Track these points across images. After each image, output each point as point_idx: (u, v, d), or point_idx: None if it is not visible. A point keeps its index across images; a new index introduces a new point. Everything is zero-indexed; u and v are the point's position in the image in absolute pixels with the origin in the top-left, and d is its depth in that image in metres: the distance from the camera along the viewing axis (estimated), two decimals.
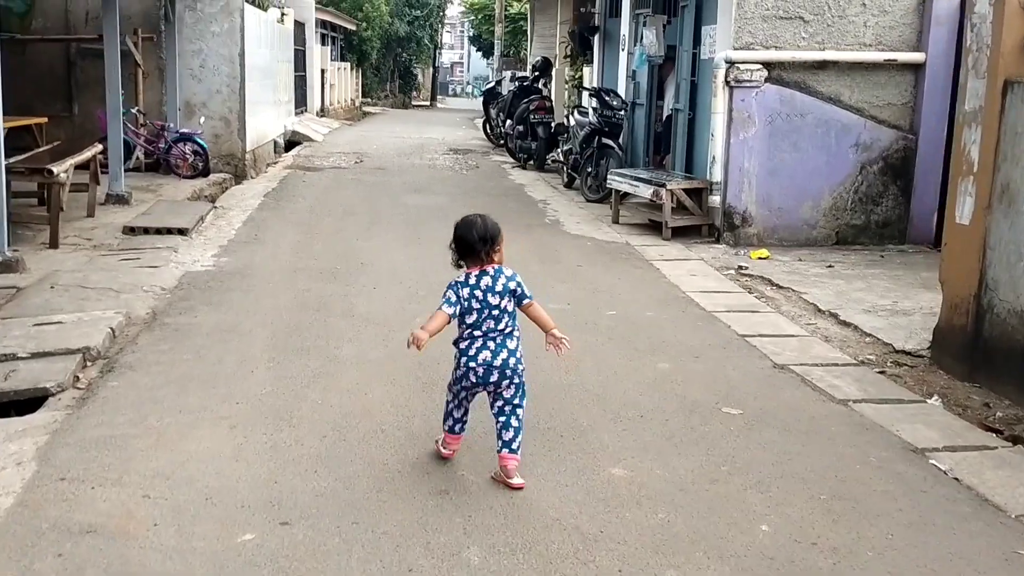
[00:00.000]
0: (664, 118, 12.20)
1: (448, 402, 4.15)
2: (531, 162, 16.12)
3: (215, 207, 10.87)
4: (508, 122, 16.91)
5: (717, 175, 9.53)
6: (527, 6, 23.50)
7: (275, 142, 17.91)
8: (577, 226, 10.43)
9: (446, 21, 55.51)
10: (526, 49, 28.46)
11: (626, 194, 10.68)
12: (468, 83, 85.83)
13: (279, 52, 18.79)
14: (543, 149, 15.75)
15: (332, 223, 10.19)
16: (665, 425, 4.69)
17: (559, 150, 14.11)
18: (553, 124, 15.93)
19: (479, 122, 33.98)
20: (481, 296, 3.93)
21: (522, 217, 10.94)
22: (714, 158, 9.54)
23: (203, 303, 6.72)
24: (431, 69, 54.15)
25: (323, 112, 27.89)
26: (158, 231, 9.01)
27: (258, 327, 6.16)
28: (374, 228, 9.96)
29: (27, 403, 4.81)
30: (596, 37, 14.89)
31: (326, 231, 9.70)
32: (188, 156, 13.04)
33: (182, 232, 9.03)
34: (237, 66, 13.93)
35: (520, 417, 4.01)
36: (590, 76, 15.28)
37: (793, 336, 6.42)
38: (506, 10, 26.91)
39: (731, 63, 9.20)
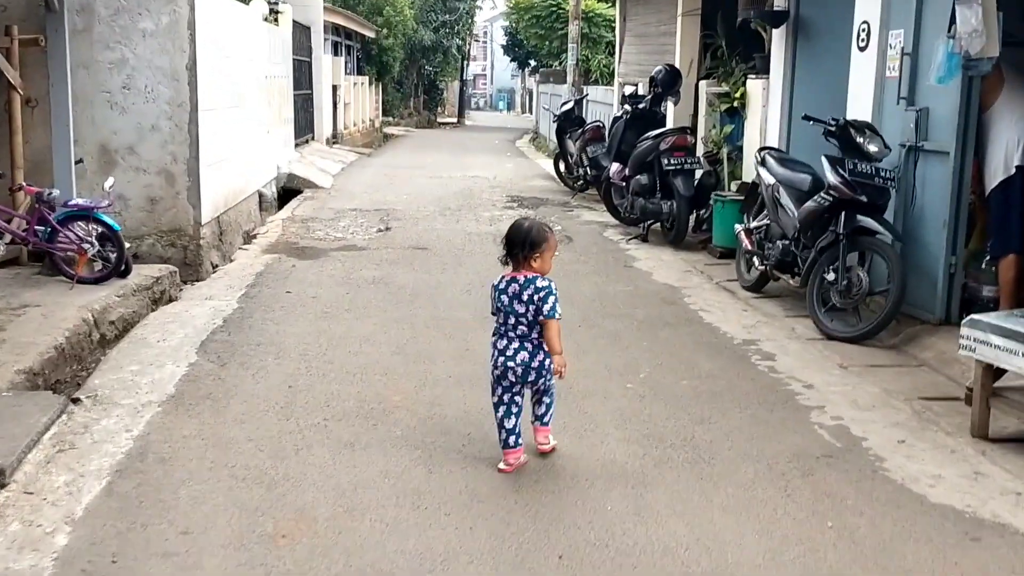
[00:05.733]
0: (997, 183, 6.19)
1: (495, 408, 4.19)
2: (652, 227, 10.15)
3: (74, 403, 4.91)
4: (615, 166, 10.88)
5: None
6: None
7: (260, 196, 11.97)
8: (908, 460, 4.38)
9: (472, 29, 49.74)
10: (592, 58, 22.50)
11: (998, 370, 4.66)
12: (491, 96, 79.75)
13: (268, 63, 12.89)
14: (685, 213, 9.73)
15: (325, 502, 4.17)
16: None
17: (748, 227, 7.96)
18: (699, 174, 9.94)
19: (523, 145, 28.09)
20: (507, 301, 4.12)
21: (757, 418, 4.92)
22: None
23: None
24: (458, 82, 48.39)
25: (335, 138, 22.04)
26: None
27: None
28: (427, 501, 3.96)
29: None
30: (781, 30, 8.89)
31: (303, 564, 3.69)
32: (88, 245, 7.19)
33: None
34: (185, 85, 8.16)
35: (552, 394, 4.28)
36: (764, 96, 9.28)
37: None
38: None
39: None
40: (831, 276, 6.54)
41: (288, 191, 13.89)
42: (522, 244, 4.12)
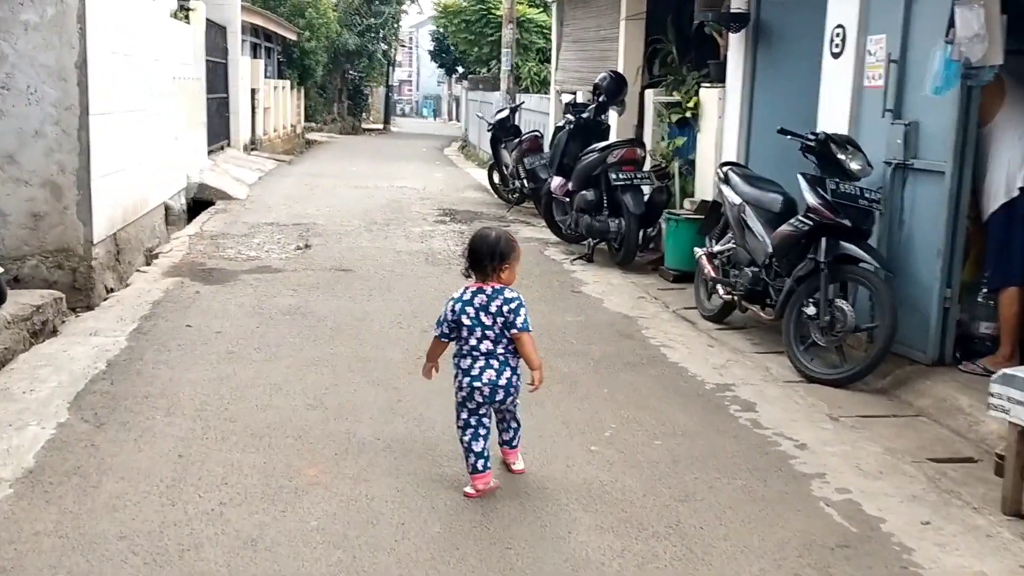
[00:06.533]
0: (998, 205, 5.52)
1: (461, 432, 3.93)
2: (598, 246, 9.37)
3: None
4: (557, 180, 10.07)
5: None
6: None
7: (166, 208, 10.87)
8: (940, 551, 3.60)
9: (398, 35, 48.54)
10: (522, 65, 21.71)
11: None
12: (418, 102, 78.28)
13: (178, 64, 11.77)
14: (635, 232, 8.95)
15: None
16: None
17: (710, 251, 7.17)
18: (649, 190, 9.18)
19: (452, 154, 27.12)
20: (473, 314, 3.87)
21: (750, 491, 4.08)
22: None
23: None
24: (384, 88, 47.19)
25: (254, 144, 20.82)
26: None
27: None
28: None
29: None
30: (740, 35, 8.16)
31: None
32: None
33: None
34: (74, 85, 7.14)
35: (518, 417, 4.08)
36: (720, 106, 8.55)
37: None
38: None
39: None
40: (811, 310, 5.78)
41: (199, 202, 12.77)
42: (491, 255, 3.88)
